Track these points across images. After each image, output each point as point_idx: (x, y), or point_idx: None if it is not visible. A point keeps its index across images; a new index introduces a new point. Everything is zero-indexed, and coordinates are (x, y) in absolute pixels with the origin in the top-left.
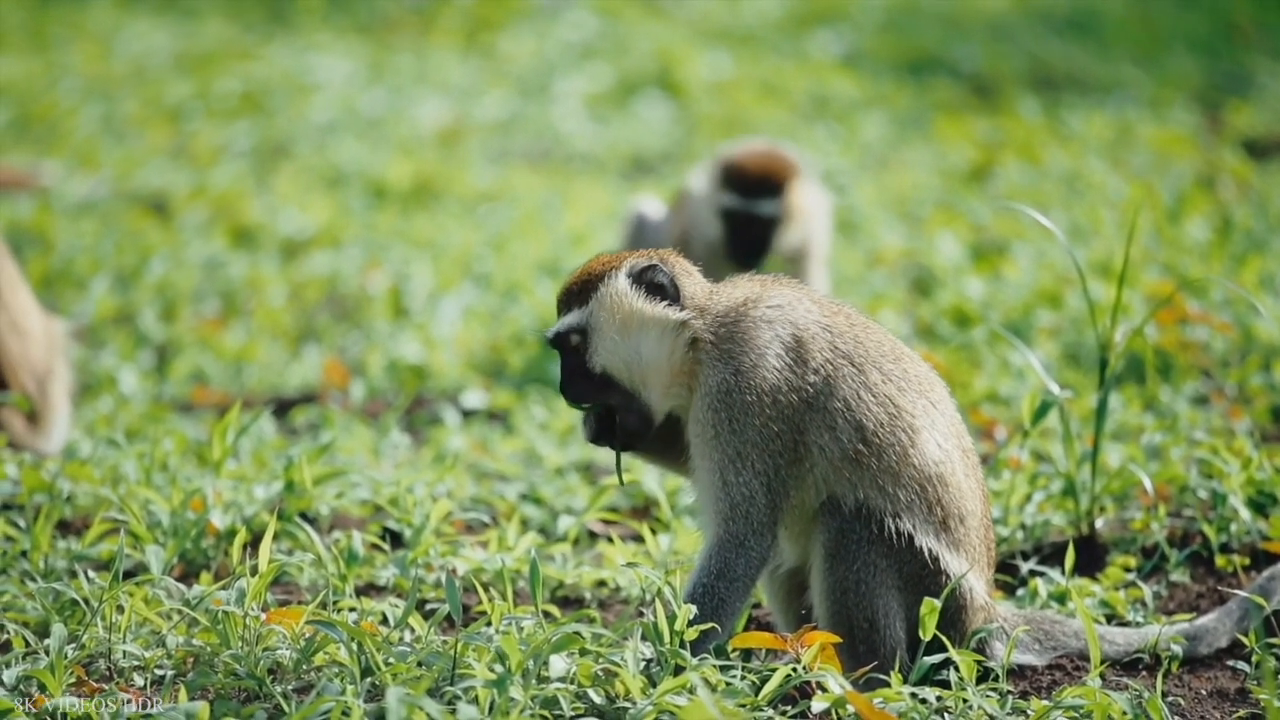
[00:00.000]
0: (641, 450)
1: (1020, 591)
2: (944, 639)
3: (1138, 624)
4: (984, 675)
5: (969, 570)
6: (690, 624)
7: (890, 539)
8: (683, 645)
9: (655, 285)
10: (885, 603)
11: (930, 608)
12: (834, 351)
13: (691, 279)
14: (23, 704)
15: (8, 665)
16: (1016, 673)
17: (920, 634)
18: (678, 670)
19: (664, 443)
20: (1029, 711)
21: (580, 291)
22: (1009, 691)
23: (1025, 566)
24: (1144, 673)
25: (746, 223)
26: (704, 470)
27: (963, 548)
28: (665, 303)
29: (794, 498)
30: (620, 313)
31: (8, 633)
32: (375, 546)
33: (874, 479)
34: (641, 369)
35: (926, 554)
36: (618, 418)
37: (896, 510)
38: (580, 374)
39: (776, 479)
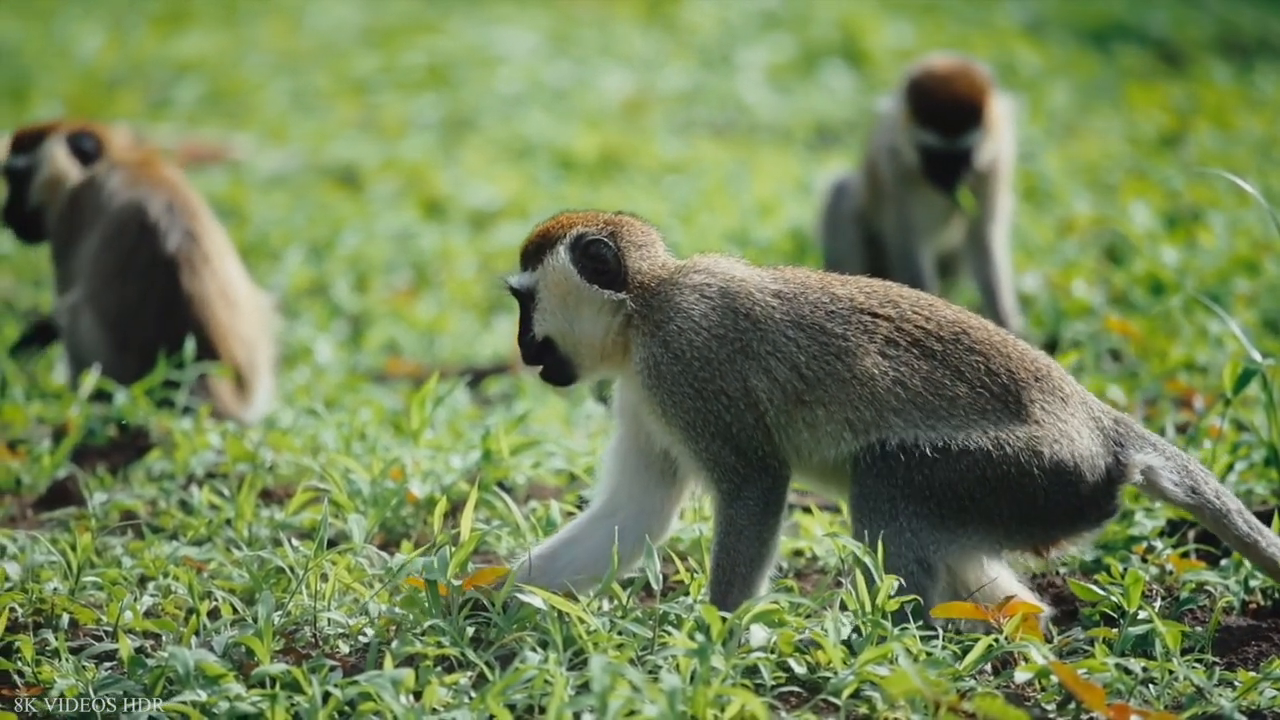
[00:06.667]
0: None
1: (1224, 561)
2: (1148, 611)
3: None
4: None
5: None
6: (712, 579)
7: (898, 468)
8: (884, 616)
9: (599, 258)
10: (937, 536)
11: (1134, 578)
12: (762, 293)
13: (642, 251)
14: (233, 670)
15: (217, 632)
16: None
17: (1125, 605)
18: (879, 640)
19: None
20: (1236, 683)
21: (535, 253)
22: (1215, 662)
23: None
24: None
25: (949, 158)
26: (672, 444)
27: (971, 419)
28: (607, 278)
29: (779, 441)
30: (560, 288)
31: (216, 600)
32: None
33: (832, 412)
34: (575, 341)
35: (937, 450)
36: (545, 363)
37: (881, 436)
38: (527, 334)
39: (742, 434)
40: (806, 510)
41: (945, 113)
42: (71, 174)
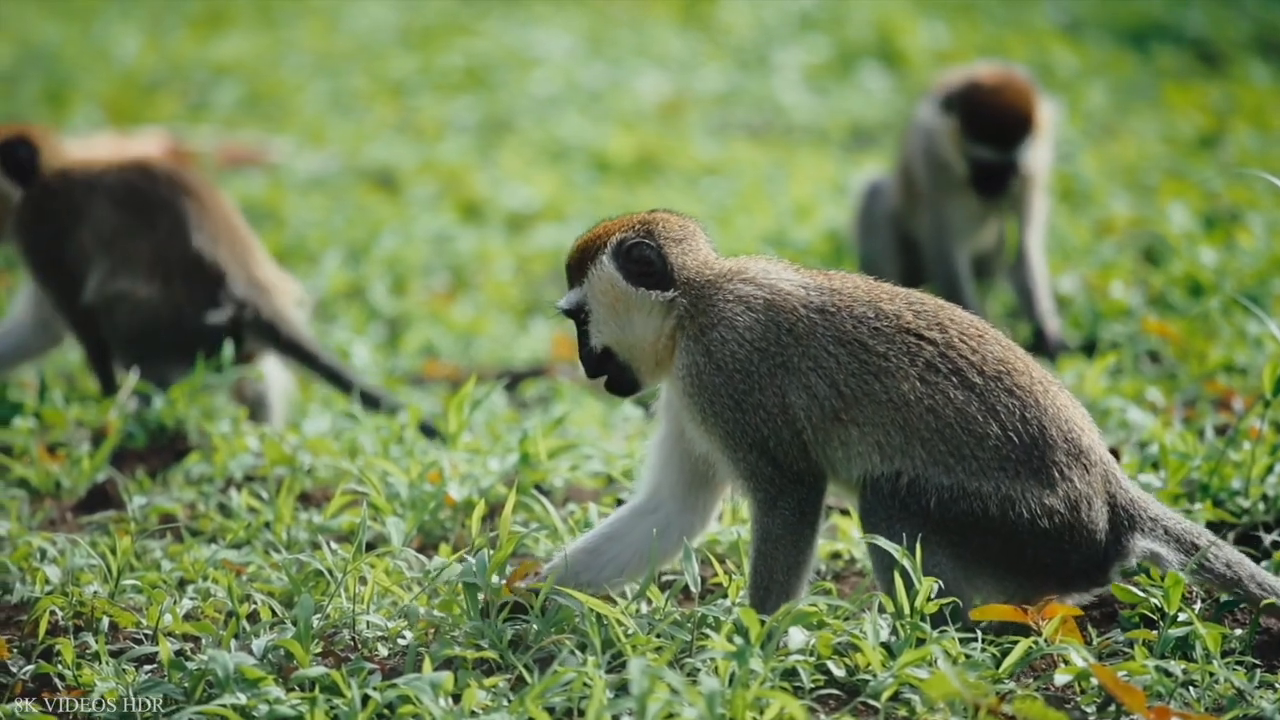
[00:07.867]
0: None
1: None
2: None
3: None
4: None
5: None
6: (750, 585)
7: (899, 492)
8: (923, 618)
9: (643, 260)
10: (938, 564)
11: (1174, 580)
12: (806, 308)
13: (682, 246)
14: (273, 673)
15: (256, 635)
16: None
17: (1165, 607)
18: (918, 643)
19: None
20: (1277, 685)
21: (578, 267)
22: (1255, 665)
23: (1268, 538)
24: None
25: (1000, 169)
26: (710, 450)
27: (989, 466)
28: (653, 279)
29: (815, 457)
30: (608, 295)
31: (255, 603)
32: None
33: (865, 433)
34: (630, 346)
35: (943, 488)
36: (607, 373)
37: (900, 466)
38: (586, 347)
39: (779, 447)
40: (844, 513)
41: (1000, 127)
42: (2, 183)
